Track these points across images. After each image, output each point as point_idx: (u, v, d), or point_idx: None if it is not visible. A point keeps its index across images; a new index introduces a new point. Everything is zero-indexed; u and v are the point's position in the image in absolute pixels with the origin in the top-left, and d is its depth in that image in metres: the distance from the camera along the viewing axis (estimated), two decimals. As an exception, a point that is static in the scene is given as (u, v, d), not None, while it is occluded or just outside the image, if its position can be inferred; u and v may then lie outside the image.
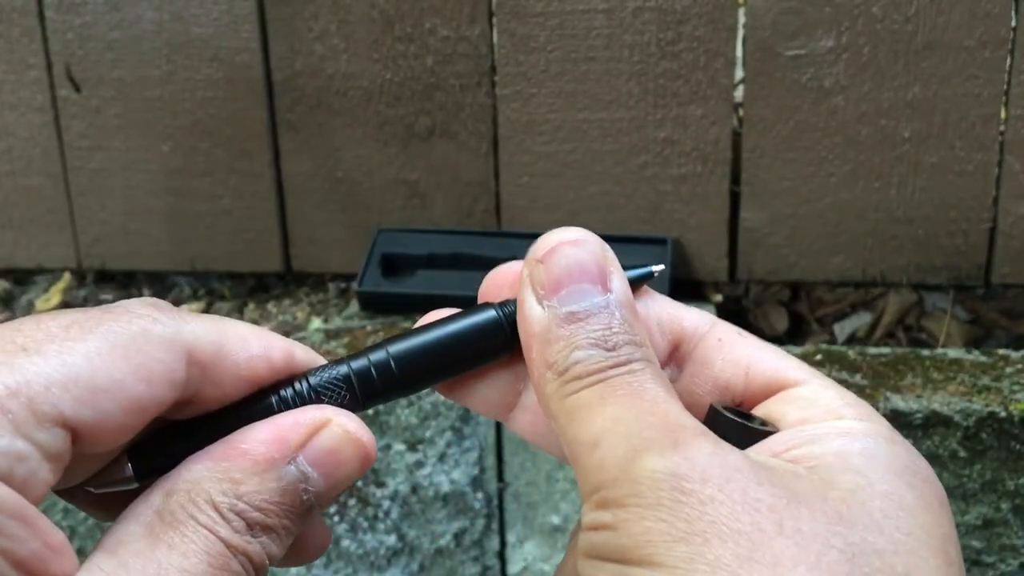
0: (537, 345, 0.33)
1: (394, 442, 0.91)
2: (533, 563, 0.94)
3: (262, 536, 0.32)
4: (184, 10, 0.99)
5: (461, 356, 0.36)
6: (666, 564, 0.28)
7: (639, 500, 0.29)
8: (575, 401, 0.32)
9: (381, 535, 0.94)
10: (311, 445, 0.33)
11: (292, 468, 0.33)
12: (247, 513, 0.31)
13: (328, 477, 0.33)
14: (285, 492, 0.32)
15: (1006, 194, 0.98)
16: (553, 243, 0.34)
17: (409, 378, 0.35)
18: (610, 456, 0.30)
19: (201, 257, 1.07)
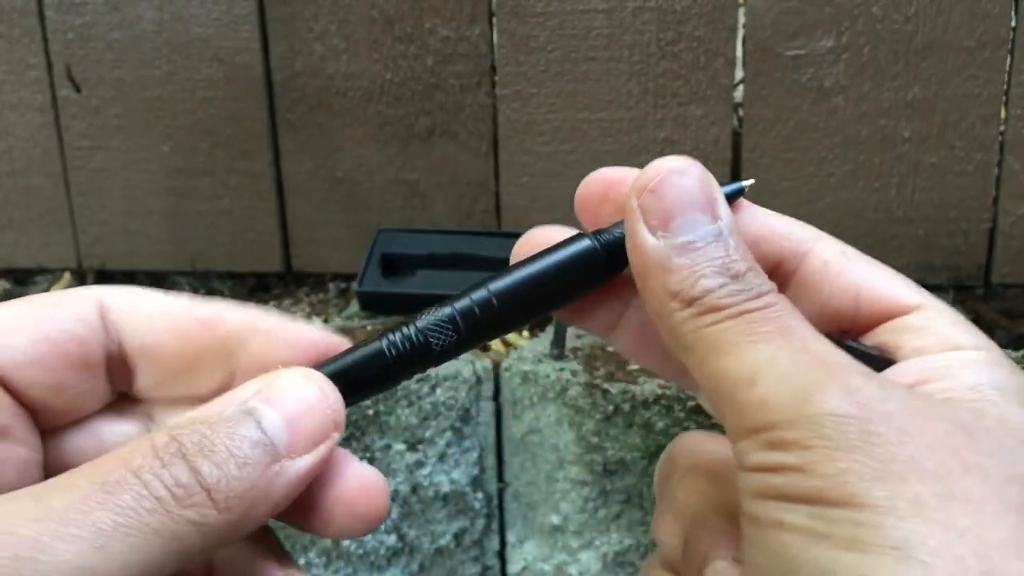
0: (656, 275, 0.33)
1: (394, 442, 0.92)
2: (533, 563, 0.94)
3: (198, 459, 0.29)
4: (184, 10, 0.99)
5: (560, 289, 0.36)
6: (867, 504, 0.28)
7: (827, 442, 0.29)
8: (717, 334, 0.32)
9: (381, 535, 0.94)
10: (264, 389, 0.32)
11: (243, 404, 0.31)
12: (182, 436, 0.30)
13: (284, 414, 0.31)
14: (231, 419, 0.30)
15: (1006, 194, 0.98)
16: (661, 172, 0.35)
17: (511, 315, 0.36)
18: (775, 395, 0.30)
19: (201, 257, 1.07)
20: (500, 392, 0.91)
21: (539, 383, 0.89)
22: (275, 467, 0.30)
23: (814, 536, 0.28)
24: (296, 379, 0.32)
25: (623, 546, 0.92)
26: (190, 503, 0.28)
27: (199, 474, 0.29)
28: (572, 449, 0.89)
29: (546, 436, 0.90)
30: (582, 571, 0.93)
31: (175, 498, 0.28)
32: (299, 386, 0.32)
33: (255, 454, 0.30)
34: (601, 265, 0.36)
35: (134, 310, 0.34)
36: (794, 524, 0.29)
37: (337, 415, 0.32)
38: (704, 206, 0.34)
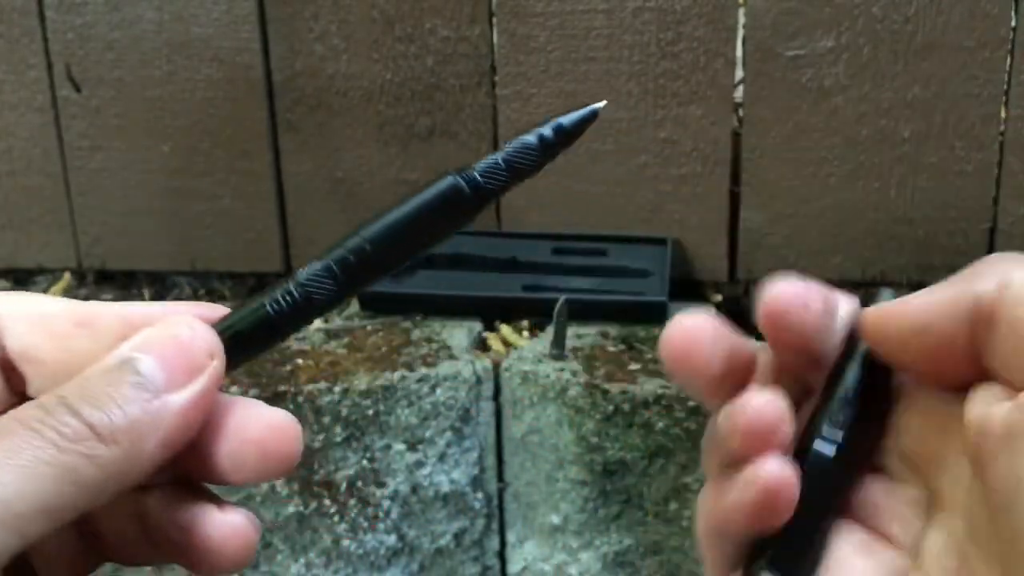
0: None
1: (394, 442, 0.92)
2: (533, 563, 0.94)
3: (80, 405, 0.31)
4: (184, 10, 0.99)
5: (430, 227, 0.37)
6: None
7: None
8: None
9: (381, 535, 0.94)
10: (138, 340, 0.33)
11: (116, 355, 0.32)
12: (64, 391, 0.31)
13: (158, 355, 0.32)
14: (109, 369, 0.32)
15: (1006, 194, 0.98)
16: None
17: (385, 257, 0.37)
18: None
19: (201, 257, 1.07)
20: (500, 392, 0.91)
21: (539, 383, 0.89)
22: (156, 401, 0.32)
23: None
24: (168, 324, 0.34)
25: (623, 546, 0.92)
26: (76, 439, 0.30)
27: (81, 415, 0.31)
28: (572, 449, 0.89)
29: (546, 436, 0.90)
30: (582, 571, 0.93)
31: (61, 435, 0.30)
32: (168, 328, 0.33)
33: (134, 393, 0.32)
34: (469, 200, 0.36)
35: (14, 316, 0.35)
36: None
37: (211, 346, 0.34)
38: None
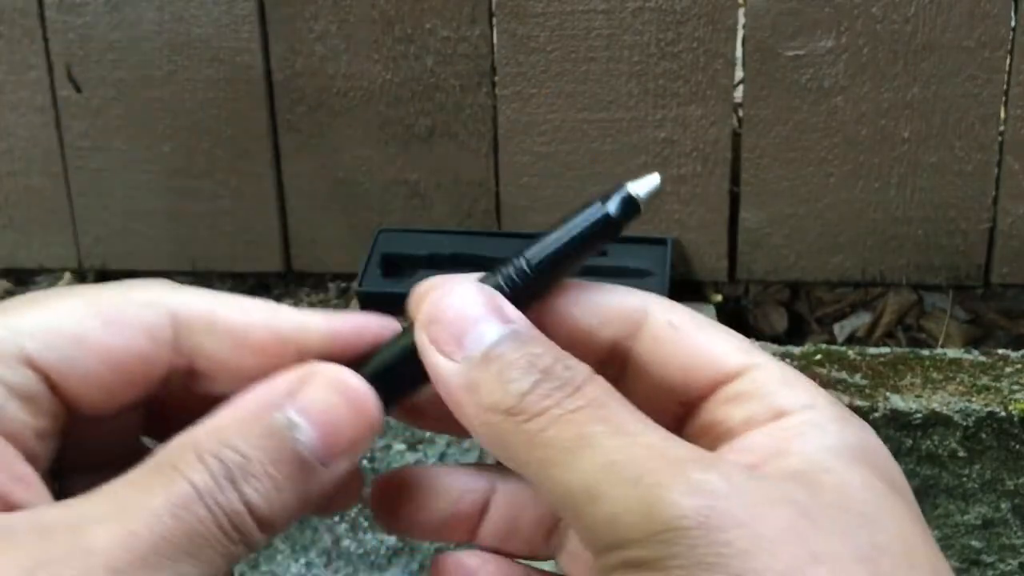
0: (466, 396, 0.32)
1: (394, 442, 0.92)
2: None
3: (244, 485, 0.30)
4: (185, 11, 1.00)
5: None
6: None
7: (681, 560, 0.28)
8: (545, 444, 0.31)
9: (381, 534, 0.94)
10: (300, 394, 0.32)
11: (279, 415, 0.31)
12: (226, 457, 0.30)
13: (320, 427, 0.31)
14: (270, 437, 0.31)
15: (1005, 194, 0.98)
16: (438, 298, 0.33)
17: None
18: (621, 510, 0.29)
19: (202, 257, 1.07)
20: (500, 392, 0.91)
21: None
22: (310, 483, 0.31)
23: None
24: (331, 383, 0.32)
25: (623, 546, 0.92)
26: (243, 529, 0.30)
27: (246, 500, 0.30)
28: (572, 449, 0.89)
29: (546, 436, 0.90)
30: (582, 571, 0.93)
31: (231, 523, 0.29)
32: (335, 393, 0.32)
33: (292, 472, 0.31)
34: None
35: (212, 328, 0.33)
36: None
37: (374, 421, 0.33)
38: (491, 315, 0.33)
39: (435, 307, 0.33)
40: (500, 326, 0.32)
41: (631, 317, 0.35)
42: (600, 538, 0.30)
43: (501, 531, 0.38)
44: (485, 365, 0.32)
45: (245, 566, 0.96)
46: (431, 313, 0.33)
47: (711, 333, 0.35)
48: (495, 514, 0.38)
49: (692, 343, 0.34)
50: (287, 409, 0.31)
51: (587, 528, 0.30)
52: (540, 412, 0.31)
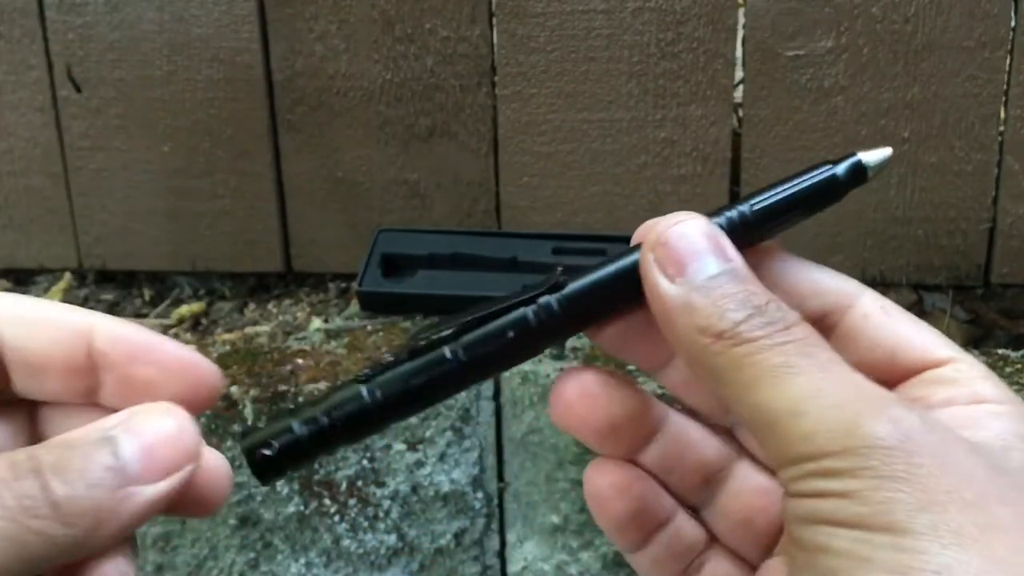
0: (682, 316, 0.35)
1: (394, 442, 0.92)
2: (533, 562, 0.95)
3: (50, 476, 0.31)
4: (185, 11, 1.00)
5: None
6: (912, 531, 0.29)
7: (873, 471, 0.30)
8: (753, 366, 0.33)
9: (381, 534, 0.94)
10: (128, 419, 0.33)
11: (106, 433, 0.33)
12: (40, 456, 0.31)
13: (142, 443, 0.33)
14: (92, 445, 0.32)
15: (1005, 194, 0.98)
16: (668, 226, 0.36)
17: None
18: (822, 427, 0.31)
19: (202, 257, 1.07)
20: (500, 392, 0.92)
21: (539, 383, 0.89)
22: (124, 491, 0.32)
23: (859, 560, 0.30)
24: (159, 412, 0.34)
25: (623, 546, 0.92)
26: (36, 514, 0.30)
27: (47, 488, 0.31)
28: (572, 449, 0.90)
29: (546, 436, 0.90)
30: (582, 571, 0.93)
31: (23, 508, 0.30)
32: (160, 418, 0.34)
33: (106, 477, 0.32)
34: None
35: (10, 316, 0.35)
36: (839, 548, 0.30)
37: (192, 449, 0.34)
38: (715, 251, 0.35)
39: (664, 232, 0.36)
40: (722, 262, 0.35)
41: (843, 295, 0.38)
42: (795, 449, 0.32)
43: (661, 461, 0.40)
44: (704, 292, 0.34)
45: (245, 566, 0.96)
46: (660, 237, 0.36)
47: (920, 325, 0.37)
48: (661, 442, 0.40)
49: (903, 329, 0.37)
50: (114, 430, 0.33)
51: (783, 440, 0.32)
52: (751, 340, 0.33)
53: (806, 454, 0.31)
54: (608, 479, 0.40)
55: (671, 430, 0.40)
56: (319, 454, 0.37)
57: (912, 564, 0.29)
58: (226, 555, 0.96)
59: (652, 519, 0.40)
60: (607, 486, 0.40)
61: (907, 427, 0.31)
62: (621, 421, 0.39)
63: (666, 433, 0.40)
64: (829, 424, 0.31)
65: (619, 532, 0.40)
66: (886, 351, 0.37)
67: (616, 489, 0.40)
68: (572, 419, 0.39)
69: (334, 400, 0.37)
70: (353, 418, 0.37)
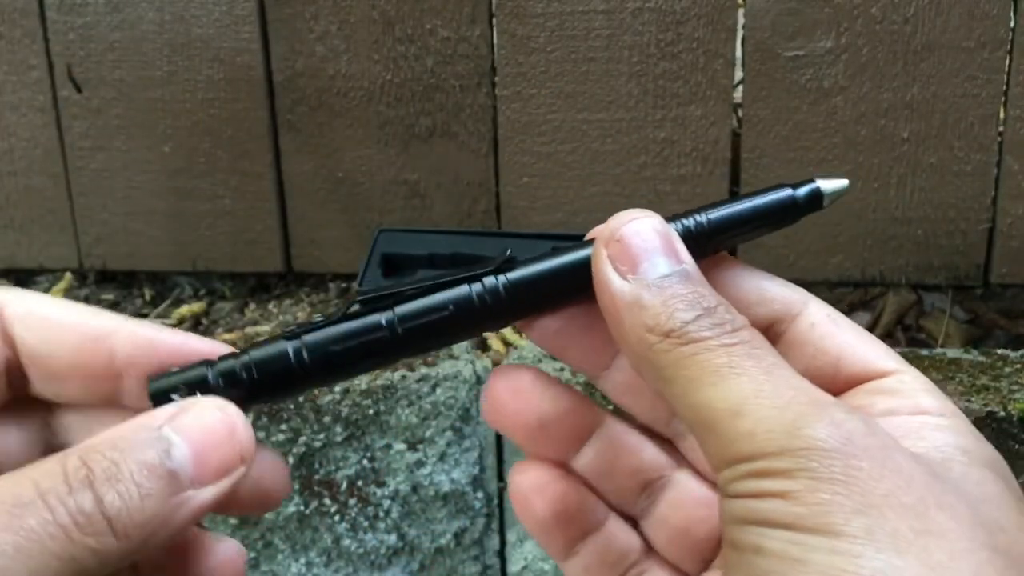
0: (631, 313, 0.35)
1: (394, 442, 0.92)
2: (533, 562, 0.95)
3: (104, 488, 0.30)
4: (185, 11, 1.00)
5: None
6: (847, 534, 0.29)
7: (811, 474, 0.30)
8: (698, 365, 0.33)
9: (381, 534, 0.94)
10: (179, 417, 0.32)
11: (156, 432, 0.32)
12: (94, 461, 0.30)
13: (194, 446, 0.32)
14: (143, 449, 0.31)
15: (1005, 194, 0.98)
16: (623, 223, 0.36)
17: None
18: (762, 427, 0.31)
19: (202, 257, 1.07)
20: (500, 392, 0.92)
21: (539, 383, 0.89)
22: (177, 498, 0.31)
23: (792, 561, 0.29)
24: (210, 407, 0.33)
25: (623, 545, 0.92)
26: (91, 531, 0.30)
27: (102, 503, 0.30)
28: (572, 449, 0.90)
29: (546, 436, 0.90)
30: (582, 570, 0.93)
31: (77, 526, 0.29)
32: (211, 415, 0.33)
33: (159, 485, 0.31)
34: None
35: (30, 318, 0.35)
36: (773, 549, 0.30)
37: (245, 449, 0.33)
38: (668, 252, 0.35)
39: (619, 229, 0.36)
40: (674, 262, 0.35)
41: (791, 303, 0.38)
42: (734, 449, 0.32)
43: (595, 466, 0.40)
44: (655, 290, 0.34)
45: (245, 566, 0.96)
46: (615, 233, 0.36)
47: (865, 336, 0.37)
48: (595, 446, 0.40)
49: (848, 339, 0.37)
50: (164, 428, 0.32)
51: (722, 439, 0.32)
52: (697, 340, 0.33)
53: (745, 454, 0.31)
54: (529, 479, 0.39)
55: (607, 433, 0.39)
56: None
57: (846, 567, 0.29)
58: (226, 555, 0.96)
59: (579, 523, 0.39)
60: (528, 486, 0.39)
61: (848, 430, 0.31)
62: (551, 419, 0.38)
63: (601, 436, 0.39)
64: (769, 424, 0.31)
65: (544, 535, 0.39)
66: (831, 360, 0.37)
67: (537, 489, 0.39)
68: (502, 415, 0.39)
69: (256, 355, 0.35)
70: (274, 376, 0.35)
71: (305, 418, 0.91)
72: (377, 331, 0.36)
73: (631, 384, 0.39)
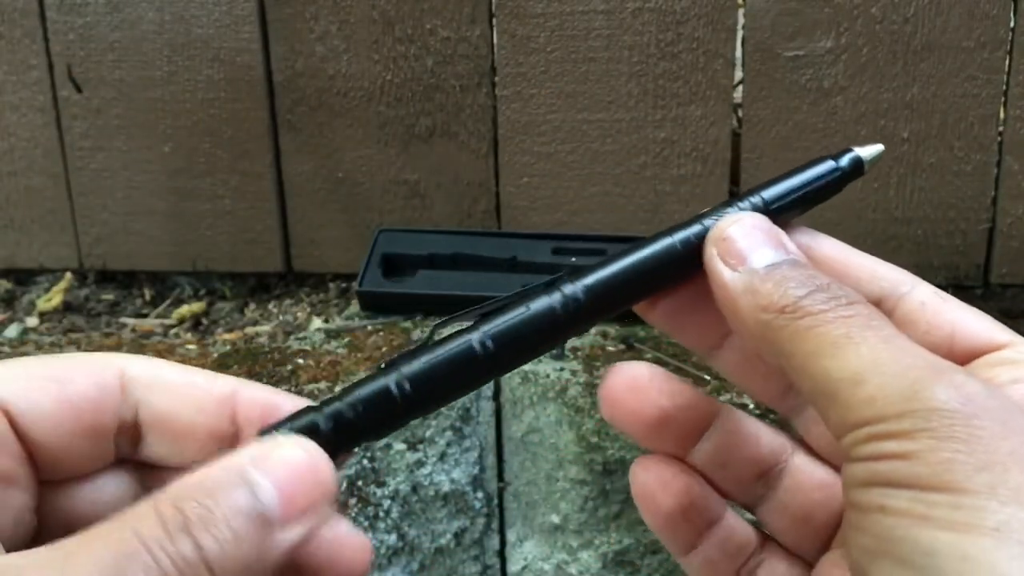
0: (743, 299, 0.36)
1: (394, 442, 0.92)
2: (533, 562, 0.95)
3: (202, 534, 0.30)
4: (185, 11, 1.00)
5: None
6: (970, 490, 0.30)
7: (932, 434, 0.31)
8: (816, 337, 0.34)
9: (382, 534, 0.94)
10: (264, 458, 0.33)
11: (242, 474, 0.32)
12: (187, 508, 0.31)
13: (280, 487, 0.32)
14: (232, 492, 0.31)
15: (1004, 194, 0.98)
16: (729, 224, 0.37)
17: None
18: (881, 393, 0.32)
19: (202, 257, 1.07)
20: (500, 392, 0.92)
21: (539, 383, 0.90)
22: (269, 539, 0.32)
23: (916, 518, 0.30)
24: (290, 445, 0.33)
25: (623, 545, 0.92)
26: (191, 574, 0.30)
27: (202, 550, 0.30)
28: (572, 449, 0.90)
29: (546, 436, 0.90)
30: (582, 570, 0.93)
31: (180, 573, 0.30)
32: (293, 455, 0.33)
33: (251, 527, 0.31)
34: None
35: (155, 383, 0.36)
36: (896, 508, 0.31)
37: (327, 486, 0.34)
38: (774, 243, 0.37)
39: (726, 229, 0.37)
40: (782, 253, 0.36)
41: (899, 283, 0.40)
42: (855, 415, 0.32)
43: (712, 458, 0.40)
44: (766, 275, 0.36)
45: (245, 566, 0.96)
46: (721, 232, 0.37)
47: (976, 312, 0.38)
48: (712, 438, 0.40)
49: (960, 315, 0.38)
50: (250, 470, 0.32)
51: (844, 407, 0.33)
52: (813, 313, 0.34)
53: (866, 418, 0.32)
54: (653, 474, 0.40)
55: (723, 424, 0.40)
56: (344, 449, 0.36)
57: (970, 521, 0.29)
58: (226, 555, 0.96)
59: (702, 516, 0.40)
60: (653, 482, 0.40)
61: (968, 392, 0.31)
62: (671, 413, 0.39)
63: (718, 427, 0.40)
64: (890, 390, 0.32)
65: (668, 530, 0.40)
66: (945, 335, 0.37)
67: (661, 485, 0.40)
68: (621, 413, 0.39)
69: (362, 395, 0.36)
70: (379, 413, 0.36)
71: (305, 418, 0.91)
72: (471, 354, 0.36)
73: (743, 362, 0.40)
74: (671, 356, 0.92)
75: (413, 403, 0.36)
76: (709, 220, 0.38)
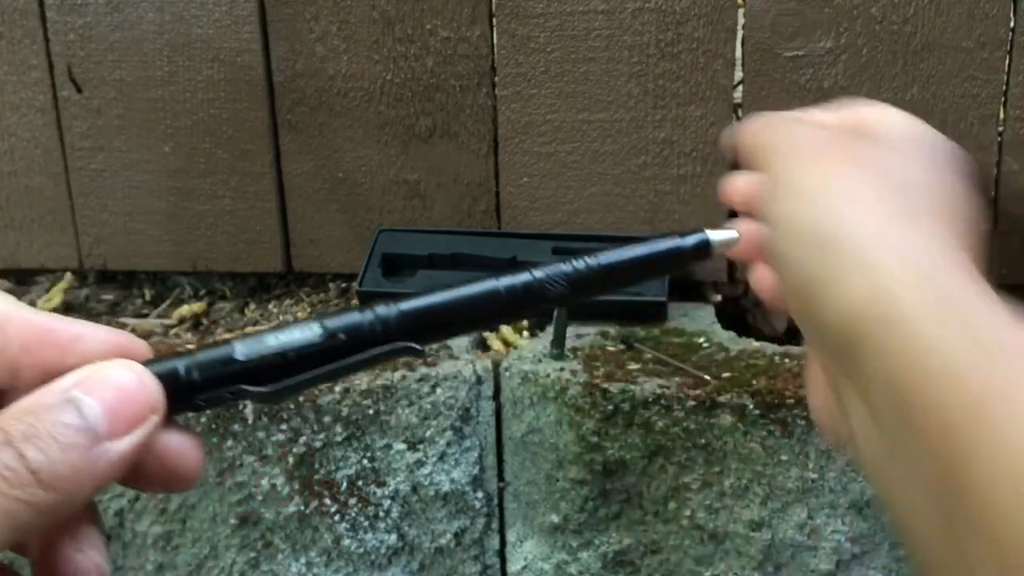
0: None
1: (394, 442, 0.92)
2: (533, 562, 0.95)
3: (25, 446, 0.32)
4: (185, 11, 1.00)
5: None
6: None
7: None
8: None
9: (382, 534, 0.94)
10: (88, 379, 0.34)
11: (66, 394, 0.34)
12: (10, 427, 0.32)
13: (104, 403, 0.34)
14: (56, 410, 0.33)
15: (1004, 195, 0.98)
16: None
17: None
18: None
19: (202, 257, 1.07)
20: (500, 392, 0.92)
21: (539, 383, 0.90)
22: (96, 449, 0.33)
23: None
24: (114, 368, 0.35)
25: (623, 545, 0.92)
26: (18, 483, 0.32)
27: (25, 459, 0.32)
28: (572, 449, 0.90)
29: (546, 436, 0.90)
30: (582, 570, 0.93)
31: (4, 480, 0.32)
32: (116, 374, 0.35)
33: (77, 438, 0.33)
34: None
35: (6, 320, 0.36)
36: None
37: (154, 400, 0.35)
38: None
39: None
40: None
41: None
42: None
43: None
44: None
45: (245, 566, 0.96)
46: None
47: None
48: None
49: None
50: (74, 391, 0.34)
51: None
52: None
53: None
54: None
55: None
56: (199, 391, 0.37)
57: None
58: (226, 555, 0.96)
59: None
60: None
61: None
62: None
63: None
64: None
65: None
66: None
67: None
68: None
69: (208, 354, 0.37)
70: (219, 372, 0.37)
71: (305, 418, 0.91)
72: (307, 339, 0.38)
73: None
74: (671, 356, 0.92)
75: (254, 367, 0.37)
76: (539, 272, 0.40)
